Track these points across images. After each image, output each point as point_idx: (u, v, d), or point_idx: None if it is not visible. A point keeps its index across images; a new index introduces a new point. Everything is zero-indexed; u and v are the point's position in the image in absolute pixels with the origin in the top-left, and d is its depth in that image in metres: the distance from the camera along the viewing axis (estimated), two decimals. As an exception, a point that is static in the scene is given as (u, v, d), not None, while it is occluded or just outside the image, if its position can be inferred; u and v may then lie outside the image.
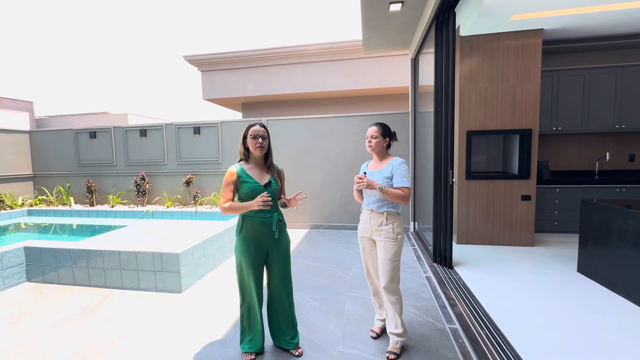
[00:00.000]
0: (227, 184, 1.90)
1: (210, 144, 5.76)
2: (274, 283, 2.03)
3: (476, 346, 2.02)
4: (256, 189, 1.87)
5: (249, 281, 1.94)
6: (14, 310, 2.73)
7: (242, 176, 1.90)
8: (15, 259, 3.25)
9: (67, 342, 2.25)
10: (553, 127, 4.22)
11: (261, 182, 1.91)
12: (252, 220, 1.90)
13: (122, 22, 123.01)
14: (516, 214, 3.97)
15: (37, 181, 6.62)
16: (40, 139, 6.54)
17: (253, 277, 1.93)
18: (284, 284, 2.04)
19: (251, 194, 1.87)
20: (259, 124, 1.93)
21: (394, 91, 7.10)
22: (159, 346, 2.19)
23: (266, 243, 1.94)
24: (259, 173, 1.94)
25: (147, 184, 5.93)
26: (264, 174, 1.95)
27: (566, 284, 2.88)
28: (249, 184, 1.88)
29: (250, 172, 1.92)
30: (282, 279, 2.03)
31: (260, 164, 1.97)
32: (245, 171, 1.91)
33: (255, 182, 1.89)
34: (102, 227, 5.18)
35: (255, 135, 1.88)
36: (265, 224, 1.91)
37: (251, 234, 1.91)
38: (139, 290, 3.08)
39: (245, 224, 1.92)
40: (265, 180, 1.92)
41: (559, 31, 3.87)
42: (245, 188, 1.88)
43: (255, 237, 1.91)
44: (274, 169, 2.00)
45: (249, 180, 1.88)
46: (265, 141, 1.91)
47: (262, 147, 1.89)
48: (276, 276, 2.02)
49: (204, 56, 7.37)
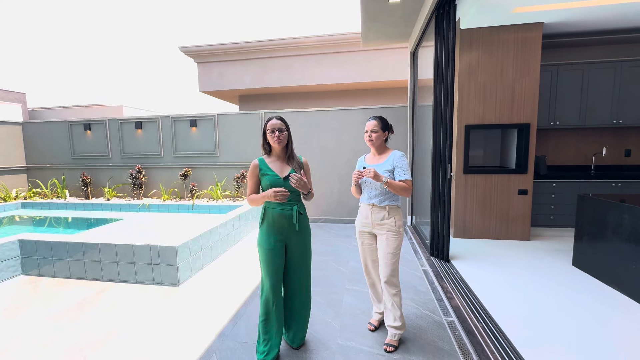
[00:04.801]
0: (250, 176, 1.94)
1: (207, 136, 5.71)
2: (294, 279, 2.00)
3: (472, 338, 2.05)
4: (275, 181, 1.88)
5: (265, 276, 1.92)
6: (9, 304, 2.71)
7: (263, 168, 1.92)
8: (10, 252, 3.21)
9: (63, 335, 2.24)
10: (551, 122, 4.23)
11: (281, 174, 1.90)
12: (273, 212, 1.90)
13: (117, 12, 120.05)
14: (513, 208, 3.99)
15: (31, 173, 6.53)
16: (34, 130, 6.43)
17: (271, 271, 1.90)
18: (304, 278, 2.02)
19: (270, 186, 1.88)
20: (276, 117, 1.91)
21: (393, 84, 7.06)
22: (156, 339, 2.18)
23: (286, 235, 1.93)
24: (280, 166, 1.94)
25: (143, 177, 5.87)
26: (284, 167, 1.94)
27: (561, 277, 2.91)
28: (269, 176, 1.89)
29: (272, 165, 1.93)
30: (302, 275, 2.01)
31: (281, 156, 1.97)
32: (267, 164, 1.93)
33: (275, 174, 1.89)
34: (97, 220, 5.14)
35: (272, 129, 1.88)
36: (286, 216, 1.90)
37: (271, 226, 1.91)
38: (136, 283, 3.07)
39: (267, 216, 1.93)
40: (286, 173, 1.92)
41: (559, 25, 3.85)
42: (266, 180, 1.89)
43: (275, 228, 1.91)
44: (294, 161, 1.98)
45: (269, 173, 1.90)
46: (282, 133, 1.90)
47: (280, 140, 1.89)
48: (296, 271, 1.99)
49: (200, 47, 7.26)
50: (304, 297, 2.05)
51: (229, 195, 5.63)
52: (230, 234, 4.05)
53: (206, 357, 1.98)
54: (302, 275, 2.02)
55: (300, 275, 2.01)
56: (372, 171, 1.88)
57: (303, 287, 2.03)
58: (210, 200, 5.52)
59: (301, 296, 2.04)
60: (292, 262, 1.98)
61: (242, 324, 2.33)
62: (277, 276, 1.93)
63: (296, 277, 2.00)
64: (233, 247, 4.11)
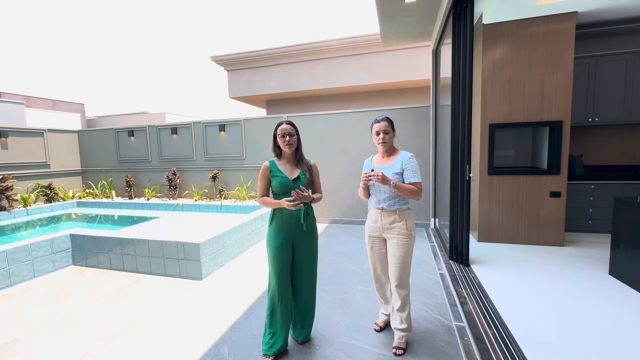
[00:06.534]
0: (261, 178, 2.02)
1: (234, 140, 6.02)
2: (300, 277, 2.06)
3: (481, 344, 1.98)
4: (285, 183, 1.95)
5: (272, 273, 1.99)
6: (60, 289, 3.11)
7: (273, 170, 2.00)
8: (63, 244, 3.67)
9: (100, 319, 2.54)
10: (589, 118, 3.89)
11: (291, 177, 1.98)
12: (282, 212, 1.98)
13: (161, 29, 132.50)
14: (544, 211, 3.73)
15: (84, 176, 7.34)
16: (87, 137, 7.22)
17: (278, 268, 1.97)
18: (309, 278, 2.08)
19: (280, 187, 1.96)
20: (286, 122, 1.99)
21: (417, 84, 6.90)
22: (176, 327, 2.39)
23: (294, 235, 1.99)
24: (289, 168, 2.01)
25: (178, 179, 6.34)
26: (294, 169, 2.02)
27: (594, 287, 2.69)
28: (279, 178, 1.96)
29: (282, 167, 2.01)
30: (308, 274, 2.07)
31: (291, 159, 2.04)
32: (277, 166, 2.01)
33: (285, 176, 1.97)
34: (138, 218, 5.64)
35: (283, 133, 1.96)
36: (293, 216, 1.97)
37: (280, 225, 1.98)
38: (165, 276, 3.35)
39: (276, 216, 2.00)
40: (295, 175, 1.99)
41: (596, 13, 3.54)
42: (276, 182, 1.97)
43: (283, 228, 1.97)
44: (303, 164, 2.04)
45: (279, 175, 1.97)
46: (292, 138, 1.97)
47: (290, 145, 1.96)
48: (302, 270, 2.05)
49: (229, 56, 7.66)
50: (309, 294, 2.11)
51: (254, 196, 5.88)
52: (252, 233, 4.25)
53: (217, 346, 2.13)
54: (308, 273, 2.08)
55: (306, 273, 2.07)
56: (379, 175, 1.83)
57: (309, 285, 2.10)
58: (237, 201, 5.81)
59: (306, 294, 2.10)
60: (299, 261, 2.05)
61: (253, 318, 2.47)
62: (284, 273, 2.00)
63: (302, 275, 2.07)
64: (255, 246, 4.30)
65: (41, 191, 6.30)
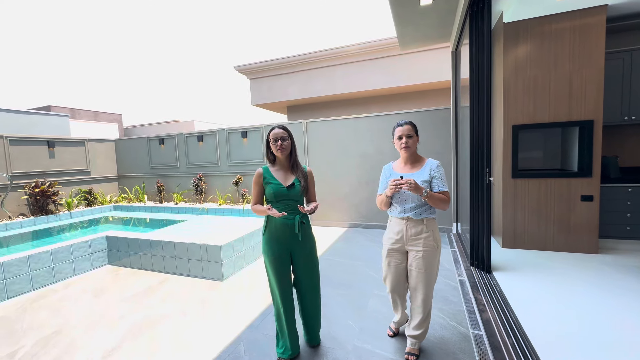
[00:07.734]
0: (254, 185, 1.98)
1: (255, 146, 6.22)
2: (301, 285, 2.04)
3: (497, 354, 1.92)
4: (278, 190, 1.89)
5: (274, 283, 1.97)
6: (97, 287, 3.38)
7: (267, 177, 1.94)
8: (100, 245, 3.99)
9: (130, 315, 2.73)
10: (625, 116, 3.63)
11: (285, 183, 1.92)
12: (275, 222, 1.91)
13: (191, 43, 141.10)
14: (575, 216, 3.51)
15: (120, 182, 7.88)
16: (123, 145, 7.77)
17: (277, 278, 1.94)
18: (310, 286, 2.04)
19: (274, 195, 1.90)
20: (278, 127, 1.94)
21: (437, 86, 6.76)
22: (197, 325, 2.52)
23: (290, 244, 1.94)
24: (283, 175, 1.96)
25: (203, 184, 6.64)
26: (288, 176, 1.96)
27: (628, 298, 2.50)
28: (273, 185, 1.91)
29: (276, 173, 1.95)
30: (309, 282, 2.03)
31: (285, 165, 1.98)
32: (271, 172, 1.96)
33: (278, 183, 1.91)
34: (168, 221, 5.97)
35: (275, 138, 1.91)
36: (288, 225, 1.90)
37: (274, 235, 1.93)
38: (189, 276, 3.54)
39: (269, 225, 1.95)
40: (289, 182, 1.93)
41: (629, 4, 3.32)
42: (269, 189, 1.91)
43: (278, 238, 1.92)
44: (298, 170, 1.97)
45: (272, 182, 1.92)
46: (285, 142, 1.91)
47: (282, 149, 1.91)
48: (302, 278, 2.02)
49: (251, 65, 7.94)
50: (314, 300, 2.08)
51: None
52: (271, 237, 4.36)
53: (235, 344, 2.23)
54: (310, 280, 2.04)
55: (308, 280, 2.04)
56: (412, 182, 1.71)
57: (311, 291, 2.07)
58: (259, 205, 5.97)
59: (310, 300, 2.07)
60: (299, 269, 2.01)
61: (270, 319, 2.55)
62: (284, 282, 1.96)
63: (304, 282, 2.03)
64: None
65: (83, 196, 6.86)
